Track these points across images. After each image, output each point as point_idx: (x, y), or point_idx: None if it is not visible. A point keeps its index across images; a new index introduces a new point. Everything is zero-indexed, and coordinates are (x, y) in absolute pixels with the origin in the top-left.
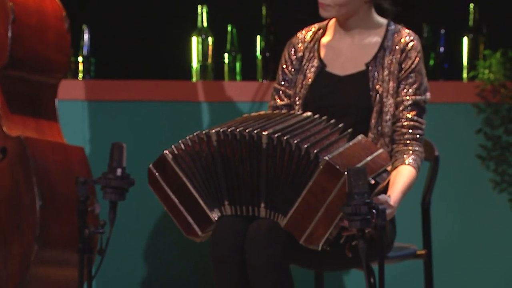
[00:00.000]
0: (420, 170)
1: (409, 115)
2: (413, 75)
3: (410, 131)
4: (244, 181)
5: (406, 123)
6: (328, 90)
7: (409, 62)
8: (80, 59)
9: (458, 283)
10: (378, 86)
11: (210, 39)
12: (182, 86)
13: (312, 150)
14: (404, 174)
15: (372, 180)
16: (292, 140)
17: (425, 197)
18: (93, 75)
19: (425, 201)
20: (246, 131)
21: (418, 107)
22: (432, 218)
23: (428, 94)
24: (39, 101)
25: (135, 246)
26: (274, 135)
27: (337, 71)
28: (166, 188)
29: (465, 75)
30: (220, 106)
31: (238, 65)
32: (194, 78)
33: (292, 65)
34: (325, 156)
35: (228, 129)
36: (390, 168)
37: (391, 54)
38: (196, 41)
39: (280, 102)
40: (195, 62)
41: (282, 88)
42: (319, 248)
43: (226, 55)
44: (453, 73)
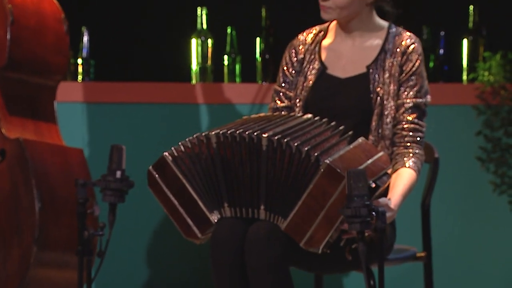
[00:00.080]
0: (421, 172)
1: (410, 117)
2: (414, 77)
3: (410, 134)
4: (244, 183)
5: (407, 126)
6: (329, 92)
7: (410, 64)
8: (80, 61)
9: (458, 285)
10: (378, 89)
11: (209, 41)
12: (181, 88)
13: (312, 153)
14: (404, 177)
15: (372, 184)
16: (293, 143)
17: (425, 199)
18: (93, 77)
19: (425, 203)
20: (246, 133)
21: (418, 110)
22: (432, 220)
23: (429, 97)
24: (38, 103)
25: (135, 248)
26: (274, 137)
27: (338, 74)
28: (165, 190)
29: (465, 77)
30: (219, 108)
31: (237, 67)
32: (194, 80)
33: (292, 67)
34: (326, 159)
35: (228, 131)
36: (390, 171)
37: (392, 57)
38: (196, 43)
39: (280, 104)
40: (194, 64)
41: (283, 90)
42: (319, 251)
43: (226, 57)
44: (453, 75)
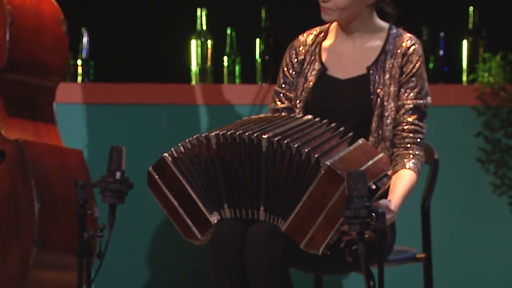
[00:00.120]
0: (421, 174)
1: (410, 119)
2: (414, 79)
3: (410, 135)
4: (244, 184)
5: (407, 127)
6: (329, 94)
7: (410, 66)
8: (79, 62)
9: (458, 286)
10: (379, 90)
11: (209, 42)
12: (181, 89)
13: (313, 154)
14: (404, 179)
15: (373, 185)
16: (293, 144)
17: (425, 201)
18: (92, 78)
19: (424, 205)
20: (245, 134)
21: (419, 111)
22: (432, 221)
23: (429, 98)
24: (37, 104)
25: (134, 250)
26: (274, 139)
27: (338, 75)
28: (165, 191)
29: (464, 78)
30: (219, 109)
31: (237, 68)
32: (193, 81)
33: (293, 68)
34: (326, 161)
35: (228, 132)
36: (390, 172)
37: (393, 58)
38: (196, 44)
39: (280, 105)
40: (194, 65)
41: (283, 91)
42: (320, 253)
43: (226, 58)
44: (453, 76)
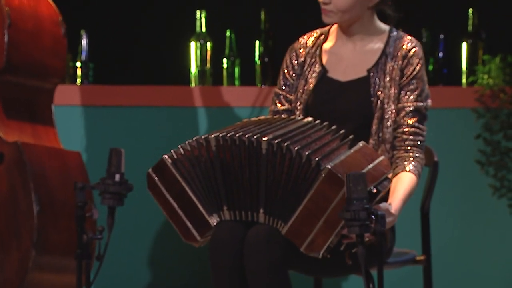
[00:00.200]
0: (421, 176)
1: (410, 121)
2: (415, 81)
3: (411, 138)
4: (243, 186)
5: (407, 130)
6: (329, 96)
7: (410, 68)
8: (79, 64)
9: None
10: (379, 92)
11: (208, 44)
12: (180, 91)
13: (313, 157)
14: (405, 181)
15: (374, 189)
16: (293, 147)
17: (425, 203)
18: (92, 80)
19: (424, 207)
20: (245, 136)
21: (419, 114)
22: (432, 223)
23: (430, 100)
24: (36, 106)
25: (134, 252)
26: (274, 141)
27: (339, 77)
28: (165, 192)
29: (464, 80)
30: (218, 111)
31: (236, 70)
32: (193, 83)
33: (293, 70)
34: (327, 164)
35: (228, 134)
36: (391, 175)
37: (393, 61)
38: (195, 46)
39: (280, 107)
40: (193, 67)
41: (283, 93)
42: (320, 256)
43: (225, 60)
44: (452, 78)
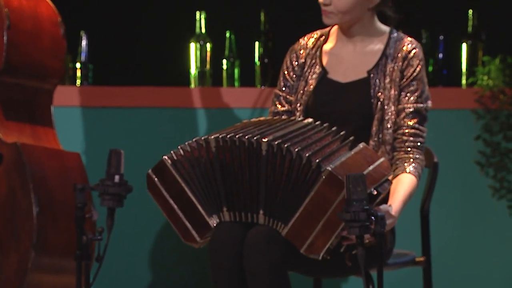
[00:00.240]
0: (421, 177)
1: (410, 122)
2: (415, 83)
3: (411, 139)
4: (243, 187)
5: (407, 131)
6: (330, 97)
7: (411, 70)
8: (78, 65)
9: None
10: (379, 94)
11: (208, 45)
12: (180, 93)
13: (313, 159)
14: (405, 183)
15: (374, 191)
16: (293, 148)
17: (424, 204)
18: (91, 81)
19: (424, 208)
20: (245, 137)
21: (419, 115)
22: (431, 224)
23: (430, 102)
24: (35, 107)
25: (133, 253)
26: (274, 142)
27: (339, 78)
28: (165, 193)
29: (464, 81)
30: (218, 112)
31: (236, 71)
32: (192, 84)
33: (293, 71)
34: (328, 166)
35: (227, 136)
36: (391, 177)
37: (393, 62)
38: (195, 47)
39: (281, 108)
40: (193, 68)
41: (283, 94)
42: (320, 258)
43: (225, 61)
44: (452, 79)
